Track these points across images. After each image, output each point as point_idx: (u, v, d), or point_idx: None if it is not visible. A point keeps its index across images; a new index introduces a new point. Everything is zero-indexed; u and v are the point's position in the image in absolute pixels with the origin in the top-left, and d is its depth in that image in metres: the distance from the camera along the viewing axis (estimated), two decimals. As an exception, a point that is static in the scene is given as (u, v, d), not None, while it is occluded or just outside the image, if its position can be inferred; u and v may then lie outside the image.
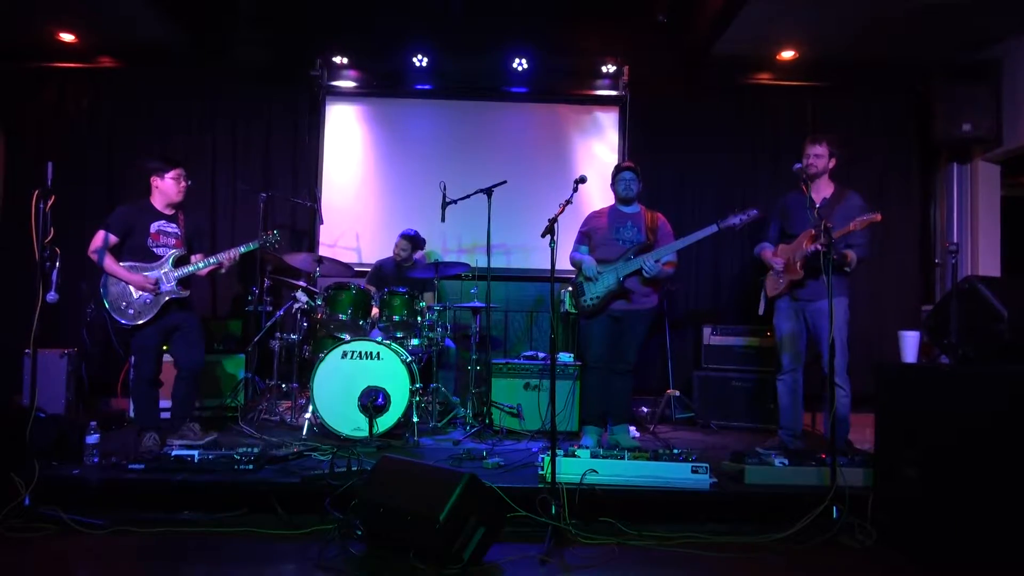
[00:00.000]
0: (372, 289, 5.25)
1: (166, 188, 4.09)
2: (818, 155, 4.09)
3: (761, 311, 4.41)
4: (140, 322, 3.98)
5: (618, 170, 4.39)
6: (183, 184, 4.13)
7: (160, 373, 4.15)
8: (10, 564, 2.72)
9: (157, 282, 3.98)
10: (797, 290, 4.16)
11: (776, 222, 4.36)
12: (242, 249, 4.18)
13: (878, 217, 3.75)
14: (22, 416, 3.28)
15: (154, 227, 4.07)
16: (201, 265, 4.08)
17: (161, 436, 4.00)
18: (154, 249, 4.05)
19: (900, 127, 6.22)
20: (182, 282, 4.07)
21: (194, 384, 4.20)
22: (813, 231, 4.01)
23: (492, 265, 4.97)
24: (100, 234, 3.99)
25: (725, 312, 5.93)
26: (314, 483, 3.29)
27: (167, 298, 4.01)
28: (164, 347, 4.18)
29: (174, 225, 4.15)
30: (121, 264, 3.99)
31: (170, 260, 4.05)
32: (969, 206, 6.00)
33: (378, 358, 4.35)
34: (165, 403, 4.21)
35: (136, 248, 4.03)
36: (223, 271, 4.21)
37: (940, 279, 6.19)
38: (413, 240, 5.58)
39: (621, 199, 4.36)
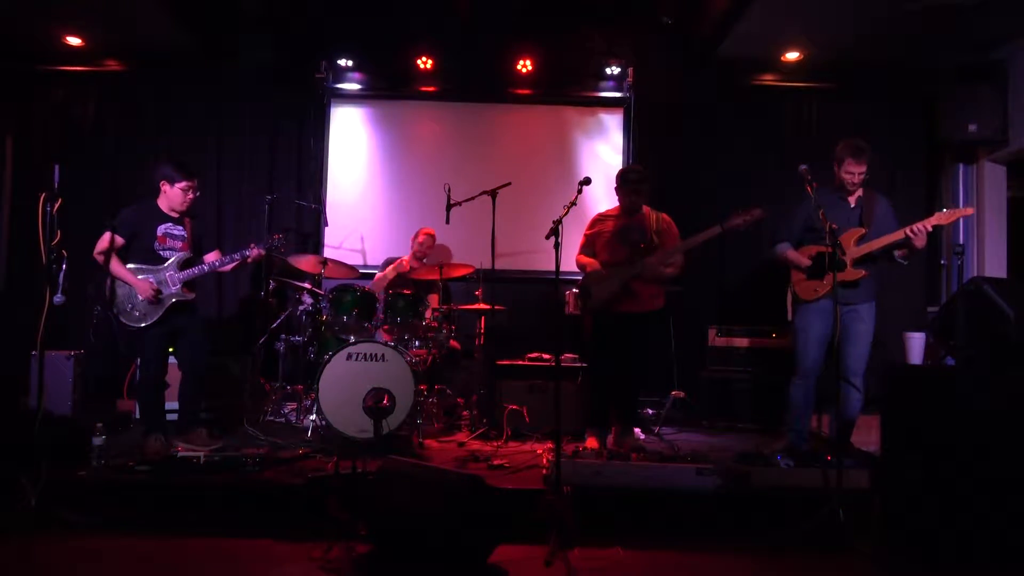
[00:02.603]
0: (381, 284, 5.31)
1: (172, 196, 4.11)
2: (861, 172, 4.03)
3: (791, 315, 4.28)
4: (145, 324, 4.00)
5: (622, 173, 4.38)
6: (190, 196, 4.13)
7: (166, 375, 4.18)
8: (16, 565, 2.73)
9: (159, 289, 3.98)
10: (843, 292, 3.90)
11: (801, 220, 4.19)
12: (249, 254, 4.19)
13: (971, 211, 3.76)
14: (29, 417, 3.30)
15: (161, 230, 4.09)
16: (206, 268, 4.10)
17: (167, 438, 4.01)
18: (160, 252, 4.08)
19: (905, 128, 6.19)
20: (187, 285, 4.08)
21: (199, 386, 4.22)
22: (863, 230, 3.96)
23: (497, 267, 4.97)
24: (106, 236, 3.98)
25: (730, 313, 5.91)
26: (319, 484, 3.30)
27: (172, 301, 4.03)
28: (170, 349, 4.21)
29: (180, 228, 4.17)
30: (127, 266, 4.01)
31: (176, 263, 4.07)
32: (975, 207, 5.98)
33: (383, 360, 4.35)
34: (172, 404, 4.23)
35: (142, 251, 4.05)
36: (250, 261, 4.24)
37: (946, 280, 6.16)
38: (433, 234, 5.61)
39: (627, 202, 4.35)
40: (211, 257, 4.22)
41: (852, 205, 4.09)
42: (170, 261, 4.07)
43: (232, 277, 6.00)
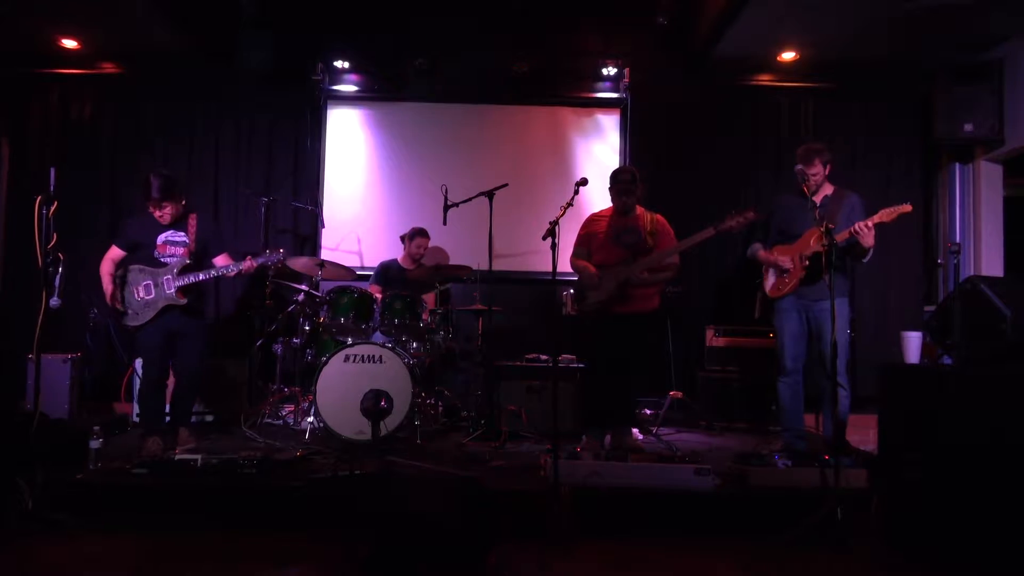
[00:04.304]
0: (378, 288, 5.30)
1: (152, 210, 4.15)
2: (814, 173, 4.08)
3: (757, 314, 4.40)
4: (135, 324, 4.10)
5: (614, 174, 4.39)
6: (160, 212, 4.12)
7: (167, 376, 4.24)
8: (14, 568, 2.72)
9: (122, 304, 4.07)
10: (803, 288, 4.12)
11: (771, 223, 4.31)
12: (242, 266, 4.18)
13: (909, 208, 3.80)
14: (26, 421, 3.29)
15: (161, 239, 4.17)
16: (201, 276, 4.13)
17: (164, 440, 4.03)
18: (161, 259, 4.16)
19: (902, 127, 6.21)
20: (183, 290, 4.11)
21: (189, 391, 4.29)
22: (821, 230, 4.00)
23: (494, 268, 4.96)
24: (112, 248, 4.21)
25: (727, 313, 5.91)
26: (317, 487, 3.30)
27: (163, 304, 4.09)
28: (172, 349, 4.24)
29: (182, 234, 4.22)
30: (132, 267, 4.13)
31: (174, 268, 4.12)
32: (971, 206, 5.99)
33: (380, 361, 4.35)
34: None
35: (145, 258, 4.17)
36: (243, 271, 4.22)
37: (943, 279, 6.17)
38: (426, 234, 5.61)
39: (619, 203, 4.35)
40: (219, 262, 4.25)
41: (817, 204, 4.12)
42: (170, 266, 4.13)
43: (230, 279, 5.99)
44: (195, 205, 4.56)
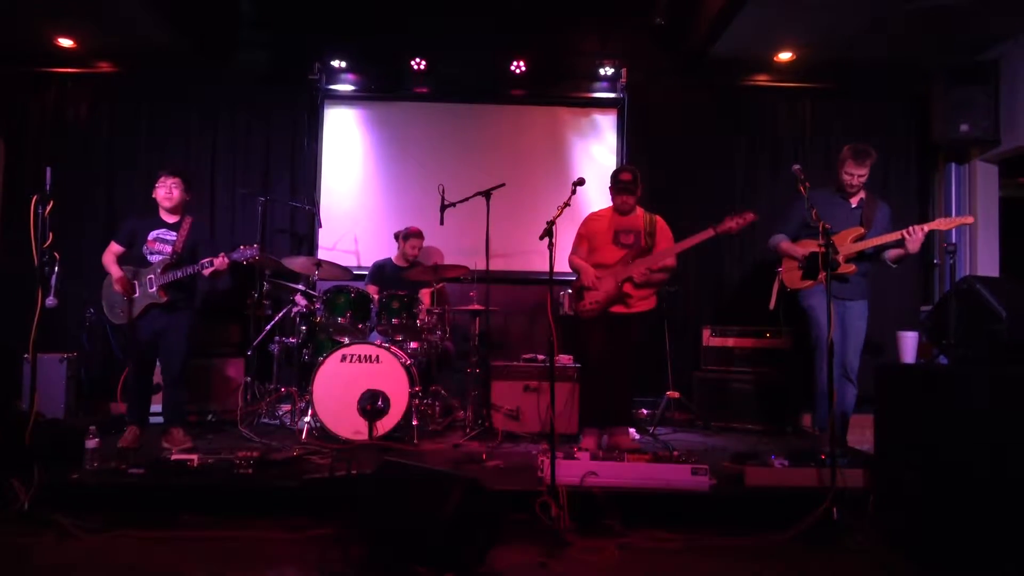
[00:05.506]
0: (375, 288, 5.29)
1: (156, 195, 4.28)
2: (861, 175, 4.09)
3: (773, 305, 4.38)
4: (122, 322, 4.22)
5: (615, 174, 4.39)
6: (162, 191, 4.26)
7: (151, 371, 4.30)
8: (10, 569, 2.71)
9: (133, 283, 4.16)
10: (833, 287, 4.04)
11: (799, 216, 4.30)
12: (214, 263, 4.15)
13: (971, 219, 3.97)
14: (22, 420, 3.29)
15: (151, 235, 4.25)
16: (179, 274, 4.15)
17: (142, 430, 4.18)
18: (148, 256, 4.23)
19: (898, 128, 6.23)
20: (165, 288, 4.15)
21: (175, 390, 4.30)
22: (861, 230, 4.02)
23: (491, 267, 4.97)
24: (111, 244, 4.30)
25: (724, 313, 5.92)
26: (314, 487, 3.29)
27: (147, 302, 4.16)
28: (156, 347, 4.27)
29: (173, 233, 4.27)
30: (124, 267, 4.21)
31: (158, 266, 4.17)
32: (967, 206, 6.00)
33: (377, 361, 4.35)
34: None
35: (135, 257, 4.24)
36: (216, 267, 4.19)
37: (939, 279, 6.19)
38: (421, 235, 5.61)
39: (618, 203, 4.35)
40: (205, 261, 4.24)
41: (853, 206, 4.16)
42: (154, 264, 4.18)
43: (226, 279, 5.98)
44: (192, 205, 4.57)
